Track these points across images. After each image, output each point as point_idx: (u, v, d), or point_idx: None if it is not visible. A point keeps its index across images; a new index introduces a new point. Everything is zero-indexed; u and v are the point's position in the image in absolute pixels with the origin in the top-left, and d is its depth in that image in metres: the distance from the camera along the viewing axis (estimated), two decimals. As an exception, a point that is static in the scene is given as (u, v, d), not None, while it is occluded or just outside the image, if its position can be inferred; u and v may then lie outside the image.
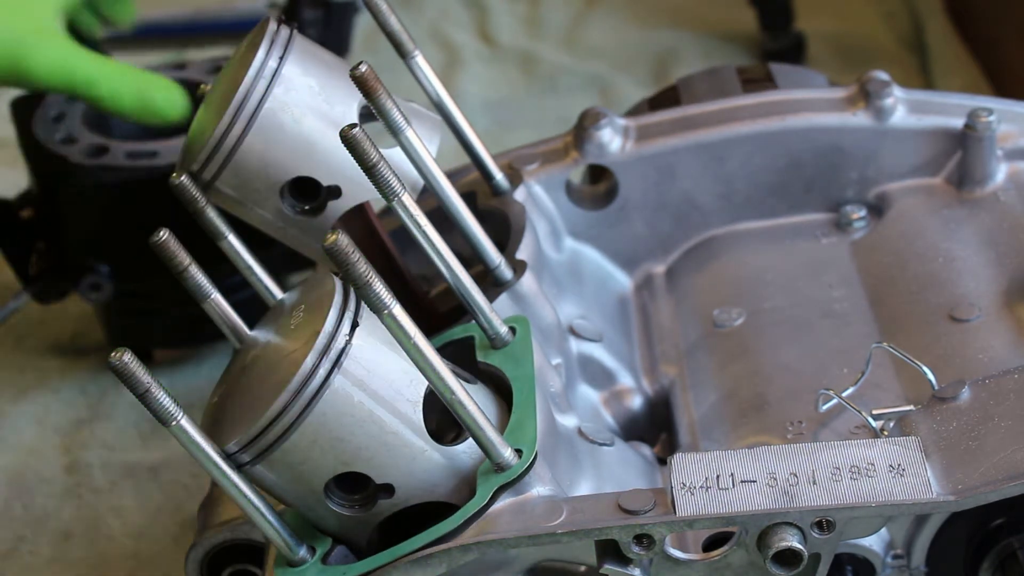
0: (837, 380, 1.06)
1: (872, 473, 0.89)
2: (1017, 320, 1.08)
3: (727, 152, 1.21)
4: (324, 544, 0.92)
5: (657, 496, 0.90)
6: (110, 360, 0.85)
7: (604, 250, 1.23)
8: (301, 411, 0.87)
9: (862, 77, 1.22)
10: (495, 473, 0.90)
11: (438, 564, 0.89)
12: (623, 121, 1.23)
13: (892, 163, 1.21)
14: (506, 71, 2.09)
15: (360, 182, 0.98)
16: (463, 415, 0.88)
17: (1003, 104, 1.21)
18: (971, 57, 1.97)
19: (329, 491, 0.91)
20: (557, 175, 1.21)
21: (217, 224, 1.00)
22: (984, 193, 1.19)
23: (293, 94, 1.03)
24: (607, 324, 1.17)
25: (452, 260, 0.96)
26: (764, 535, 0.89)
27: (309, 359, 0.87)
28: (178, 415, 0.87)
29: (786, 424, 1.06)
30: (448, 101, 1.13)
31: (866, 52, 2.01)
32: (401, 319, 0.85)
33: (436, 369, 0.87)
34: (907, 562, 0.95)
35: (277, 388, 0.87)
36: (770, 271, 1.20)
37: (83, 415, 1.49)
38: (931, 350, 1.07)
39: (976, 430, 0.93)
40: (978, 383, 0.96)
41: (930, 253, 1.16)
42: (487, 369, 0.98)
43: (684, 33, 2.11)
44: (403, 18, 1.12)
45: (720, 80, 1.32)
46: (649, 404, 1.15)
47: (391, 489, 0.91)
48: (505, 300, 1.04)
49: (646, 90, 1.74)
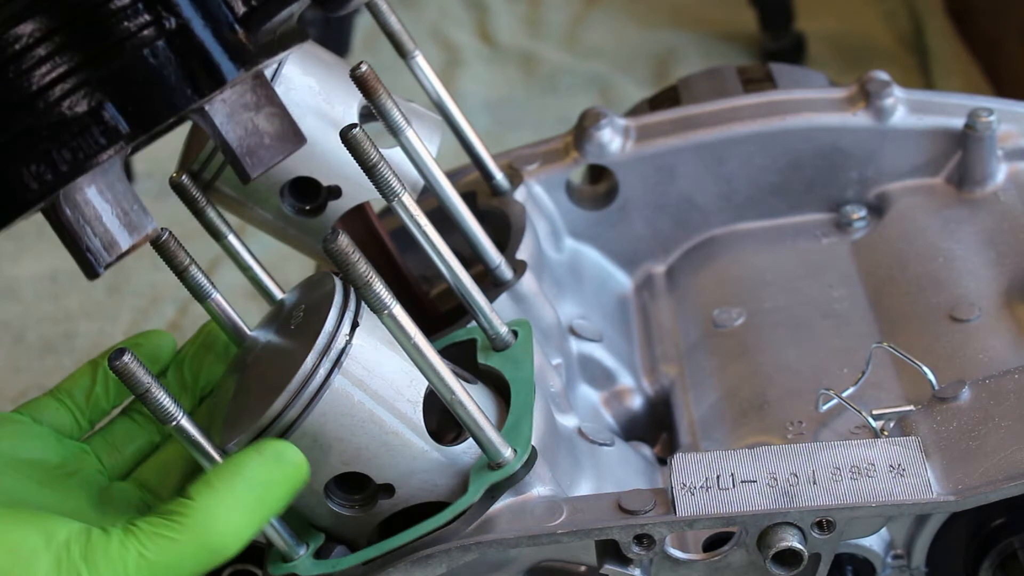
0: (837, 380, 1.06)
1: (872, 473, 0.89)
2: (1017, 320, 1.08)
3: (727, 152, 1.21)
4: (318, 539, 0.92)
5: (657, 496, 0.90)
6: (110, 360, 0.85)
7: (604, 250, 1.23)
8: (301, 411, 0.87)
9: (862, 77, 1.22)
10: (489, 470, 0.90)
11: (438, 564, 0.89)
12: (623, 121, 1.23)
13: (892, 163, 1.21)
14: (506, 71, 2.09)
15: (360, 182, 0.98)
16: (462, 415, 0.88)
17: (1003, 104, 1.21)
18: (971, 57, 1.97)
19: (329, 491, 0.91)
20: (557, 175, 1.21)
21: (217, 224, 1.00)
22: (984, 193, 1.19)
23: (293, 94, 1.03)
24: (607, 324, 1.17)
25: (452, 260, 0.96)
26: (764, 535, 0.89)
27: (309, 359, 0.87)
28: (178, 415, 0.87)
29: (786, 424, 1.06)
30: (448, 101, 1.13)
31: (866, 52, 2.01)
32: (401, 319, 0.85)
33: (436, 369, 0.87)
34: (907, 562, 0.95)
35: (277, 388, 0.87)
36: (770, 271, 1.20)
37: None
38: (931, 350, 1.07)
39: (976, 430, 0.93)
40: (978, 383, 0.96)
41: (930, 253, 1.16)
42: (488, 371, 0.98)
43: (684, 33, 2.11)
44: (403, 18, 1.12)
45: (720, 80, 1.32)
46: (649, 404, 1.15)
47: (391, 489, 0.91)
48: (505, 300, 1.04)
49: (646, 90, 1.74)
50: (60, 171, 0.77)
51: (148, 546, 0.83)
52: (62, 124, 0.77)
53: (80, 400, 0.97)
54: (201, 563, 0.84)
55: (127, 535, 0.83)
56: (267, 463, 0.86)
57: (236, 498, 0.85)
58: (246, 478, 0.86)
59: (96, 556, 0.82)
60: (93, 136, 0.77)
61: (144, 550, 0.83)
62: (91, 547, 0.82)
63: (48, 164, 0.77)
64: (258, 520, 0.86)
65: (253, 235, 1.13)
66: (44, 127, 0.76)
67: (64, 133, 0.77)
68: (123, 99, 0.77)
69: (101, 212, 0.81)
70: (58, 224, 0.81)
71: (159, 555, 0.83)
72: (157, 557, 0.83)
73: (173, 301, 1.80)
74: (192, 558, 0.84)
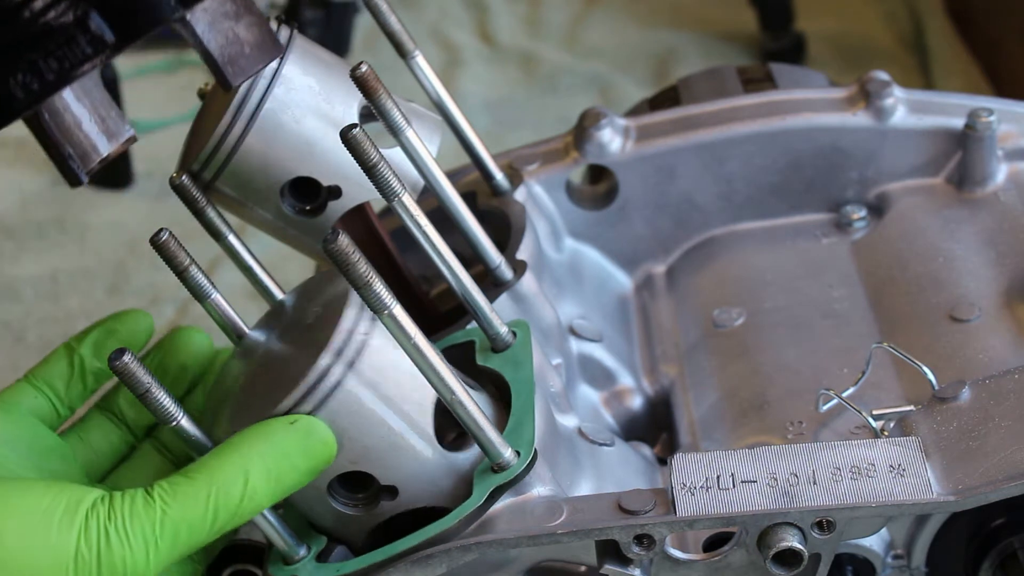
0: (837, 380, 1.06)
1: (872, 473, 0.89)
2: (1017, 320, 1.08)
3: (727, 152, 1.21)
4: (319, 543, 0.92)
5: (657, 496, 0.90)
6: (110, 361, 0.85)
7: (604, 250, 1.23)
8: (314, 407, 0.87)
9: (862, 77, 1.22)
10: (492, 473, 0.90)
11: (438, 564, 0.89)
12: (623, 121, 1.23)
13: (892, 163, 1.21)
14: (506, 71, 2.09)
15: (360, 182, 0.98)
16: (463, 415, 0.88)
17: (1003, 104, 1.21)
18: (971, 57, 1.97)
19: (332, 489, 0.91)
20: (557, 175, 1.21)
21: (217, 224, 1.00)
22: (984, 193, 1.19)
23: (293, 94, 1.03)
24: (607, 324, 1.17)
25: (452, 260, 0.96)
26: (764, 535, 0.89)
27: (325, 357, 0.87)
28: (179, 415, 0.87)
29: (786, 424, 1.06)
30: (448, 101, 1.13)
31: (866, 52, 2.01)
32: (401, 319, 0.85)
33: (436, 369, 0.87)
34: (907, 562, 0.95)
35: (290, 383, 0.87)
36: (770, 271, 1.20)
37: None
38: (931, 350, 1.07)
39: (976, 430, 0.93)
40: (978, 383, 0.96)
41: (930, 253, 1.16)
42: (487, 372, 0.98)
43: (684, 33, 2.11)
44: (403, 18, 1.12)
45: (720, 80, 1.32)
46: (649, 404, 1.15)
47: (395, 491, 0.91)
48: (505, 300, 1.04)
49: (646, 90, 1.74)
50: (47, 80, 0.78)
51: (170, 503, 0.83)
52: (48, 34, 0.77)
53: (59, 387, 0.96)
54: (219, 522, 0.85)
55: (148, 495, 0.84)
56: (296, 434, 0.86)
57: (259, 461, 0.85)
58: (272, 444, 0.86)
59: (123, 516, 0.83)
60: (79, 46, 0.78)
61: (167, 507, 0.83)
62: (115, 509, 0.83)
63: (35, 73, 0.77)
64: (277, 489, 0.86)
65: (253, 235, 1.13)
66: (30, 37, 0.77)
67: (50, 43, 0.77)
68: (108, 9, 0.78)
69: (80, 119, 0.82)
70: (39, 131, 0.81)
71: (181, 512, 0.83)
72: (179, 514, 0.83)
73: (173, 301, 1.80)
74: (211, 517, 0.84)
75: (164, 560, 0.84)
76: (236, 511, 0.85)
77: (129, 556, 0.82)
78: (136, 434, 0.99)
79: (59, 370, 0.97)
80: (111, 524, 0.82)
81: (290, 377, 0.88)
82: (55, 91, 0.78)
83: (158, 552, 0.83)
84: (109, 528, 0.82)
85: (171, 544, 0.83)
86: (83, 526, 0.82)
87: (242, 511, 0.85)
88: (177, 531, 0.83)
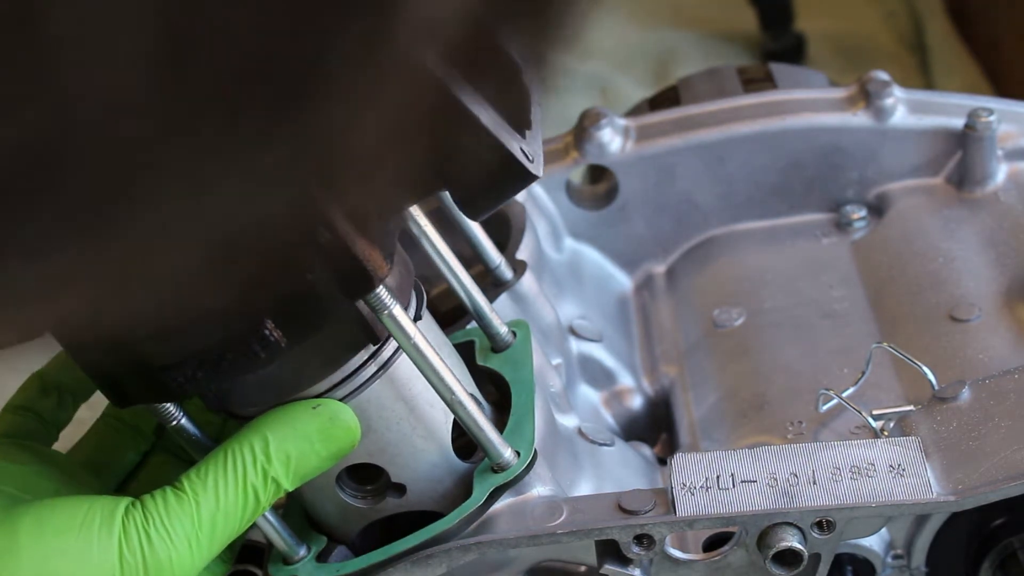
0: (837, 380, 1.06)
1: (872, 473, 0.89)
2: (1017, 320, 1.08)
3: (727, 152, 1.21)
4: (320, 543, 0.92)
5: (657, 496, 0.90)
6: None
7: (604, 250, 1.23)
8: (344, 396, 0.87)
9: (862, 77, 1.22)
10: (492, 473, 0.90)
11: (438, 564, 0.89)
12: (623, 121, 1.23)
13: (892, 163, 1.21)
14: (506, 71, 2.09)
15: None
16: (463, 415, 0.88)
17: (1003, 104, 1.21)
18: (971, 57, 1.97)
19: (341, 480, 0.91)
20: (557, 175, 1.21)
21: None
22: (984, 193, 1.19)
23: None
24: (607, 324, 1.17)
25: (452, 260, 0.96)
26: (764, 535, 0.89)
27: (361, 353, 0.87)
28: (179, 415, 0.87)
29: (786, 424, 1.06)
30: (448, 101, 1.13)
31: (866, 52, 2.01)
32: (401, 319, 0.85)
33: (436, 369, 0.87)
34: (907, 562, 0.95)
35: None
36: (770, 271, 1.20)
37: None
38: (931, 350, 1.07)
39: (976, 430, 0.92)
40: (978, 383, 0.96)
41: (930, 253, 1.16)
42: (487, 372, 0.98)
43: (684, 33, 2.11)
44: (403, 18, 1.11)
45: (720, 80, 1.32)
46: (649, 404, 1.15)
47: (403, 489, 0.91)
48: (505, 300, 1.04)
49: (646, 90, 1.74)
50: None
51: (201, 493, 0.83)
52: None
53: (44, 412, 0.95)
54: (249, 509, 0.84)
55: (178, 490, 0.83)
56: (319, 418, 0.85)
57: (279, 443, 0.84)
58: (294, 427, 0.84)
59: (159, 515, 0.82)
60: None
61: (199, 498, 0.83)
62: (149, 510, 0.82)
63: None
64: (297, 473, 0.85)
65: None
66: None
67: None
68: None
69: None
70: None
71: (215, 501, 0.83)
72: (213, 503, 0.83)
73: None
74: (239, 504, 0.83)
75: (206, 554, 0.83)
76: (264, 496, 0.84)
77: (175, 553, 0.82)
78: (146, 438, 0.99)
79: (32, 395, 0.96)
80: (150, 525, 0.82)
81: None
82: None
83: (199, 545, 0.82)
84: (149, 529, 0.81)
85: (210, 535, 0.83)
86: (122, 533, 0.81)
87: (267, 496, 0.85)
88: (214, 521, 0.83)
